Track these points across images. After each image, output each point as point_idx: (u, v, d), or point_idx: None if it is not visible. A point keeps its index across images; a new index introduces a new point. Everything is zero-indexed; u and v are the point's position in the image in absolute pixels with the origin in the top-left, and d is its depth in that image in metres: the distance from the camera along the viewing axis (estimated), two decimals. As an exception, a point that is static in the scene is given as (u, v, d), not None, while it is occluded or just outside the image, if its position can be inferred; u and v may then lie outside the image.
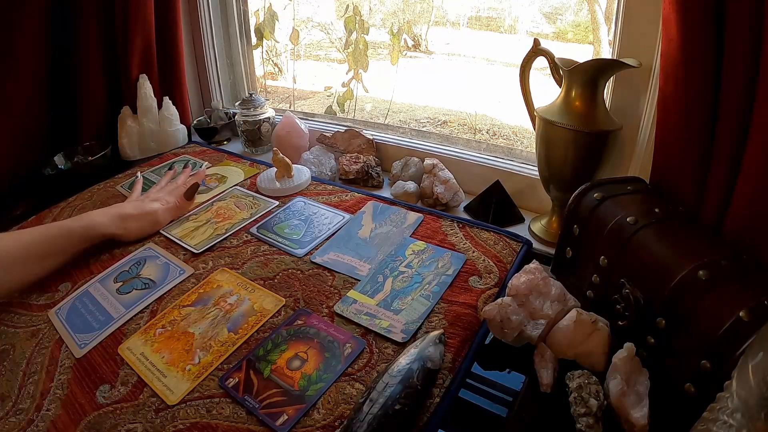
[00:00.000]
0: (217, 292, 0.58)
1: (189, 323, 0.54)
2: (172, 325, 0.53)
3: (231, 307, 0.56)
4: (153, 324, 0.54)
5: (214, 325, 0.53)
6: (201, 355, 0.49)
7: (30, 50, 0.87)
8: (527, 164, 0.81)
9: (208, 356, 0.49)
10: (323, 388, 0.45)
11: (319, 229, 0.69)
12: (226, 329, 0.53)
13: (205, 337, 0.52)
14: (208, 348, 0.50)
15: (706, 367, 0.38)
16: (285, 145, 0.94)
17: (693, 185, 0.51)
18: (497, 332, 0.50)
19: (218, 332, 0.52)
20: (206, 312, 0.55)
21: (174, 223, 0.72)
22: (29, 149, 0.92)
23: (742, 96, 0.45)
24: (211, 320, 0.54)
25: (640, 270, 0.47)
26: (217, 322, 0.53)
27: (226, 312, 0.55)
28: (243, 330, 0.52)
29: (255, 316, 0.54)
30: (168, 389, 0.46)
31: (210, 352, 0.50)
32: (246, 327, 0.53)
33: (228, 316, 0.54)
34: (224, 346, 0.50)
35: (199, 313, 0.55)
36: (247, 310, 0.55)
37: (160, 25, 0.96)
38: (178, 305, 0.56)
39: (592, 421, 0.41)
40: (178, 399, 0.45)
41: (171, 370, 0.48)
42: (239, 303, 0.56)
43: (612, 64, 0.60)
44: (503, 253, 0.62)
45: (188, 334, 0.52)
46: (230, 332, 0.52)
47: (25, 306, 0.58)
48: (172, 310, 0.56)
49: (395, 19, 1.74)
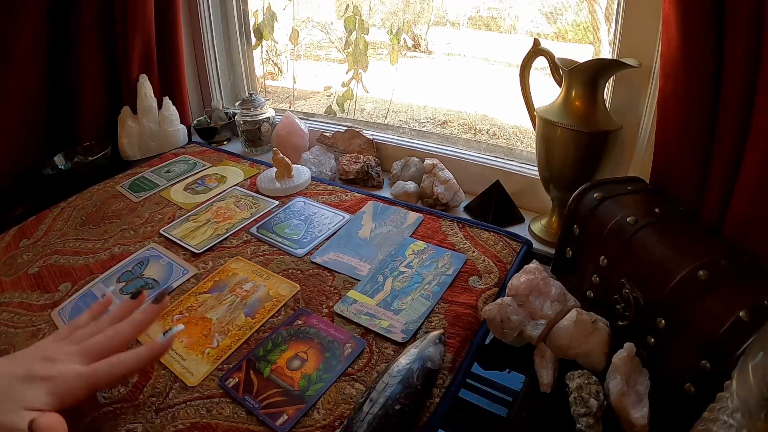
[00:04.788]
0: (233, 279, 0.60)
1: (206, 309, 0.55)
2: (190, 311, 0.55)
3: (247, 294, 0.57)
4: (169, 311, 0.55)
5: (231, 311, 0.55)
6: (219, 339, 0.51)
7: (30, 50, 0.87)
8: (527, 164, 0.81)
9: (226, 340, 0.51)
10: (323, 388, 0.45)
11: (319, 229, 0.69)
12: (243, 314, 0.54)
13: (223, 322, 0.53)
14: (226, 332, 0.52)
15: (706, 367, 0.38)
16: (285, 145, 0.94)
17: (693, 185, 0.51)
18: (497, 332, 0.50)
19: (236, 317, 0.54)
20: (223, 298, 0.57)
21: (174, 223, 0.72)
22: (29, 149, 0.92)
23: (742, 96, 0.45)
24: (228, 306, 0.55)
25: (640, 270, 0.47)
26: (234, 308, 0.55)
27: (243, 298, 0.56)
28: (260, 315, 0.54)
29: (271, 301, 0.56)
30: (188, 372, 0.47)
31: (228, 335, 0.51)
32: (263, 312, 0.54)
33: (244, 301, 0.56)
34: (242, 330, 0.52)
35: (216, 300, 0.57)
36: (263, 296, 0.57)
37: (160, 25, 0.96)
38: (195, 292, 0.58)
39: (592, 421, 0.41)
40: (198, 381, 0.46)
41: (190, 354, 0.49)
42: (255, 289, 0.58)
43: (612, 64, 0.60)
44: (503, 253, 0.62)
45: (206, 320, 0.54)
46: (247, 317, 0.54)
47: (25, 306, 0.58)
48: (189, 297, 0.57)
49: (395, 19, 1.74)
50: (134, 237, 0.70)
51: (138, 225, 0.73)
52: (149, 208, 0.77)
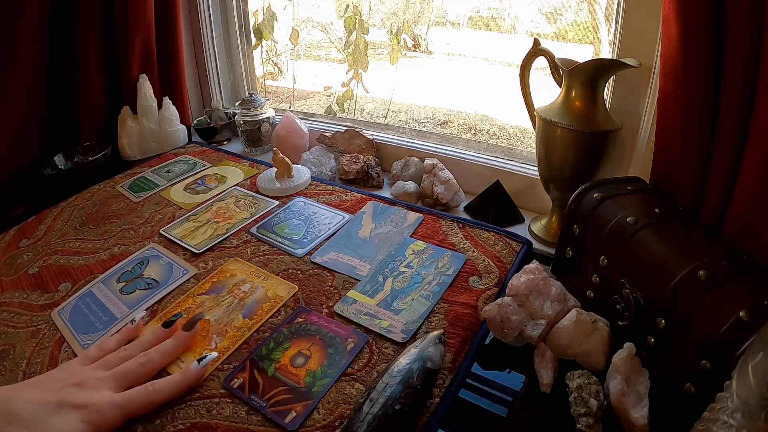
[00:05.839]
0: (231, 280, 0.59)
1: (204, 310, 0.55)
2: (187, 312, 0.55)
3: (245, 295, 0.57)
4: (169, 312, 0.55)
5: (229, 312, 0.55)
6: (217, 341, 0.51)
7: (30, 50, 0.87)
8: (527, 164, 0.81)
9: (224, 341, 0.51)
10: (329, 384, 0.45)
11: (319, 229, 0.69)
12: (241, 315, 0.54)
13: (221, 323, 0.53)
14: (224, 333, 0.52)
15: (706, 367, 0.38)
16: (285, 145, 0.94)
17: (693, 185, 0.51)
18: (497, 332, 0.50)
19: (233, 318, 0.54)
20: (221, 299, 0.56)
21: (174, 223, 0.72)
22: (29, 149, 0.92)
23: (742, 96, 0.45)
24: (226, 307, 0.55)
25: (640, 270, 0.47)
26: (232, 309, 0.55)
27: (240, 299, 0.56)
28: (258, 316, 0.54)
29: (269, 302, 0.56)
30: None
31: (226, 337, 0.51)
32: (261, 313, 0.54)
33: (242, 303, 0.56)
34: (240, 331, 0.52)
35: (214, 301, 0.56)
36: (260, 297, 0.56)
37: (160, 25, 0.96)
38: (193, 293, 0.58)
39: (592, 421, 0.41)
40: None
41: (188, 356, 0.49)
42: (253, 290, 0.58)
43: (612, 64, 0.60)
44: (503, 253, 0.63)
45: (204, 321, 0.53)
46: (245, 318, 0.54)
47: (25, 306, 0.58)
48: (187, 299, 0.57)
49: (395, 19, 1.74)
50: (134, 237, 0.70)
51: (138, 225, 0.73)
52: (149, 208, 0.77)
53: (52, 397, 0.38)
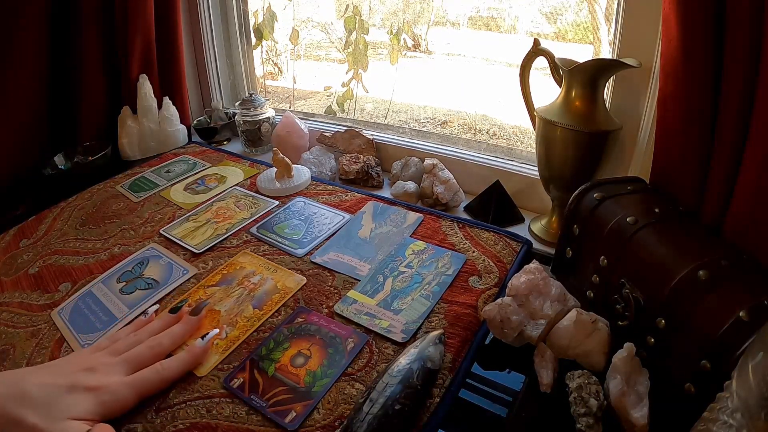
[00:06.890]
0: (240, 272, 0.60)
1: (215, 302, 0.56)
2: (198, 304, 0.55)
3: (255, 286, 0.58)
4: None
5: (239, 303, 0.55)
6: (228, 330, 0.52)
7: (30, 50, 0.87)
8: (527, 164, 0.81)
9: (234, 331, 0.51)
10: (329, 384, 0.45)
11: (319, 229, 0.69)
12: (251, 306, 0.55)
13: (231, 314, 0.54)
14: (234, 323, 0.53)
15: (706, 367, 0.38)
16: (285, 145, 0.94)
17: (693, 185, 0.51)
18: (497, 332, 0.50)
19: (243, 309, 0.54)
20: (231, 291, 0.57)
21: (174, 222, 0.72)
22: (29, 149, 0.92)
23: (742, 96, 0.45)
24: (236, 298, 0.56)
25: (640, 270, 0.47)
26: (242, 300, 0.56)
27: (250, 291, 0.57)
28: (267, 306, 0.55)
29: (279, 293, 0.56)
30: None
31: (236, 327, 0.52)
32: (270, 304, 0.55)
33: (252, 294, 0.57)
34: (250, 321, 0.53)
35: (224, 292, 0.57)
36: (270, 289, 0.57)
37: (160, 25, 0.96)
38: (203, 285, 0.59)
39: (592, 421, 0.41)
40: (206, 371, 0.47)
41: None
42: (262, 282, 0.58)
43: (612, 64, 0.60)
44: (503, 253, 0.63)
45: (214, 312, 0.54)
46: (255, 309, 0.54)
47: (25, 306, 0.58)
48: (197, 290, 0.58)
49: (395, 19, 1.74)
50: (134, 237, 0.70)
51: (138, 225, 0.73)
52: (149, 208, 0.77)
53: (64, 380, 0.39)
